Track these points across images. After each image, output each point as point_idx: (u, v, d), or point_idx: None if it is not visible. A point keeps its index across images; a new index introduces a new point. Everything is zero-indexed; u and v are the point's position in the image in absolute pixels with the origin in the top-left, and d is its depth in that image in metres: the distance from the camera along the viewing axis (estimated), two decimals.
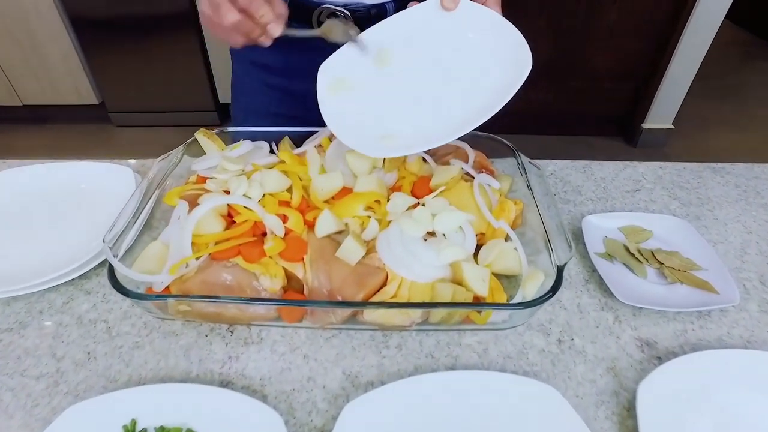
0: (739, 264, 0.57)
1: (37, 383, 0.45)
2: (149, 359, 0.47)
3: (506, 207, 0.55)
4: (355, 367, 0.46)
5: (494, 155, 0.64)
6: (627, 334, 0.49)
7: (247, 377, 0.45)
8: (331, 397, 0.43)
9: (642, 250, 0.56)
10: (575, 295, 0.53)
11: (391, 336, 0.48)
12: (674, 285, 0.53)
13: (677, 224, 0.60)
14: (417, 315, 0.45)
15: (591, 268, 0.56)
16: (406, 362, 0.46)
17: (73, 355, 0.47)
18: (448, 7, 0.54)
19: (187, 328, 0.49)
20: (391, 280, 0.47)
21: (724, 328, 0.50)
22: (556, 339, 0.48)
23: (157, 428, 0.40)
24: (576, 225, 0.61)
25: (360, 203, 0.52)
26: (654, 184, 0.69)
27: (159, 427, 0.40)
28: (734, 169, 0.72)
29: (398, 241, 0.48)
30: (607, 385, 0.45)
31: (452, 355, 0.47)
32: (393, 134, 0.51)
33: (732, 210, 0.65)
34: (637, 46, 2.23)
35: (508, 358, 0.47)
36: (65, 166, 0.67)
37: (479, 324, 0.47)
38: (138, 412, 0.41)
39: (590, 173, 0.71)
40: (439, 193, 0.53)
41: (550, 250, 0.48)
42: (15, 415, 0.42)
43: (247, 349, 0.47)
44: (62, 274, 0.52)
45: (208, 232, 0.50)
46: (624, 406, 0.43)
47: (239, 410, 0.41)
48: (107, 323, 0.50)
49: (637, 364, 0.46)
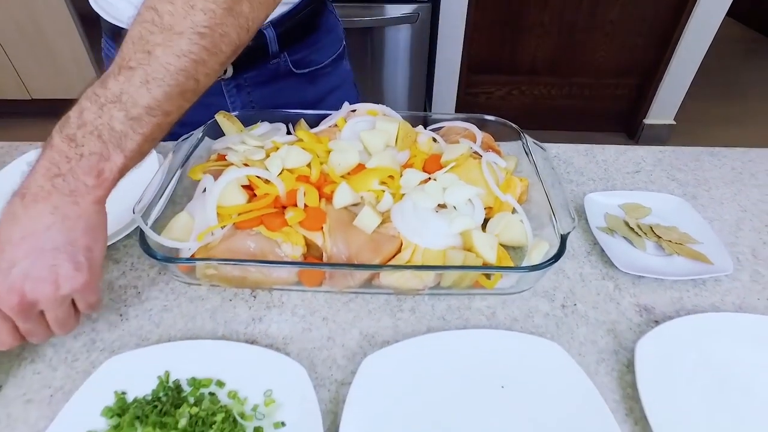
0: (733, 239, 0.60)
1: (76, 341, 0.48)
2: (177, 321, 0.50)
3: (512, 183, 0.58)
4: (372, 328, 0.49)
5: (500, 138, 0.67)
6: (626, 301, 0.52)
7: (271, 336, 0.48)
8: (350, 354, 0.47)
9: (641, 225, 0.59)
10: (578, 266, 0.56)
11: (405, 300, 0.51)
12: (671, 257, 0.56)
13: (675, 202, 0.63)
14: (430, 279, 0.48)
15: (593, 242, 0.59)
16: (419, 324, 0.49)
17: (107, 317, 0.50)
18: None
19: (212, 293, 0.53)
20: (406, 247, 0.50)
21: (718, 295, 0.53)
22: (560, 304, 0.52)
23: (189, 379, 0.44)
24: (578, 202, 0.64)
25: (375, 178, 0.55)
26: (653, 166, 0.72)
27: (190, 378, 0.44)
28: (730, 153, 0.75)
29: (411, 212, 0.51)
30: (608, 345, 0.48)
31: (462, 318, 0.50)
32: None
33: (728, 190, 0.68)
34: (639, 42, 2.26)
35: (515, 320, 0.50)
36: None
37: (488, 288, 0.50)
38: (170, 366, 0.44)
39: (592, 156, 0.74)
40: (449, 170, 0.56)
41: (554, 220, 0.51)
42: (58, 367, 0.45)
43: (270, 312, 0.51)
44: None
45: (231, 204, 0.53)
46: (623, 363, 0.46)
47: (265, 363, 0.44)
48: (137, 289, 0.53)
49: (636, 326, 0.50)
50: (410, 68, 2.08)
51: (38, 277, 0.38)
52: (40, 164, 0.39)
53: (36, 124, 2.60)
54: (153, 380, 0.43)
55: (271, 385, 0.43)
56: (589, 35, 2.23)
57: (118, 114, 0.39)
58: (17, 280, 0.37)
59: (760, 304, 0.52)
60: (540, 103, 2.44)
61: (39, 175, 0.38)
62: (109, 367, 0.44)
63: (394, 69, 2.07)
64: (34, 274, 0.38)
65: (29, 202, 0.38)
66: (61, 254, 0.38)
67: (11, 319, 0.39)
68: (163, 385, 0.43)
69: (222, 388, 0.43)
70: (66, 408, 0.41)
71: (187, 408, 0.41)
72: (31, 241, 0.38)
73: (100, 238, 0.42)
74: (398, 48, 1.99)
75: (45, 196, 0.38)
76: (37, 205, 0.38)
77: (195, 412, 0.41)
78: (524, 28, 2.19)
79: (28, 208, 0.38)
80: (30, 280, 0.38)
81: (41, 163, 0.39)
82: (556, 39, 2.24)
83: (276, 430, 0.40)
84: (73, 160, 0.38)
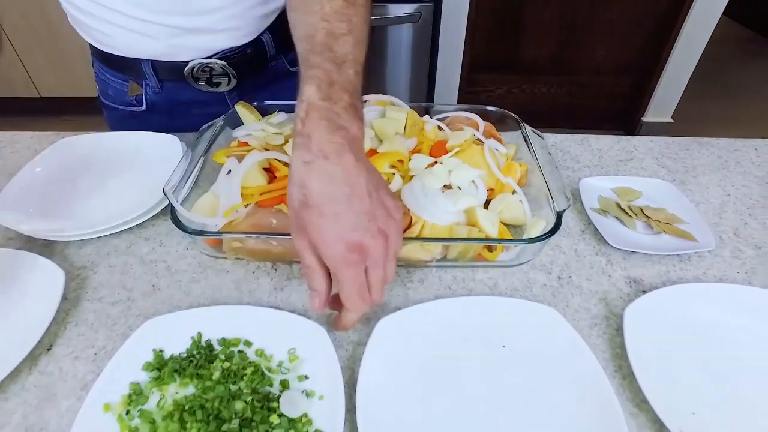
0: (717, 220, 0.65)
1: (113, 308, 0.52)
2: (205, 290, 0.54)
3: (512, 167, 0.63)
4: (385, 296, 0.53)
5: (501, 128, 0.72)
6: (618, 274, 0.57)
7: (292, 304, 0.53)
8: (365, 318, 0.51)
9: (632, 207, 0.64)
10: (573, 243, 0.61)
11: (414, 272, 0.56)
12: (659, 235, 0.61)
13: (664, 186, 0.68)
14: (437, 251, 0.53)
15: (587, 222, 0.63)
16: (428, 293, 0.54)
17: (140, 287, 0.55)
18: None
19: (236, 266, 0.57)
20: (415, 223, 0.54)
21: (701, 269, 0.57)
22: (556, 276, 0.56)
23: (219, 340, 0.48)
24: (574, 186, 0.68)
25: (386, 161, 0.59)
26: (645, 154, 0.77)
27: (220, 338, 0.48)
28: (718, 143, 0.80)
29: (420, 192, 0.56)
30: (600, 312, 0.52)
31: (467, 288, 0.54)
32: None
33: (714, 177, 0.73)
34: (638, 41, 2.31)
35: (516, 290, 0.54)
36: (120, 136, 0.74)
37: (490, 260, 0.55)
38: (202, 328, 0.49)
39: (588, 145, 0.78)
40: (454, 154, 0.61)
41: (551, 201, 0.56)
42: (99, 330, 0.50)
43: (290, 283, 0.55)
44: (125, 221, 0.60)
45: (253, 185, 0.58)
46: (613, 327, 0.51)
47: (287, 325, 0.49)
48: (166, 262, 0.58)
49: (626, 296, 0.54)
50: (412, 67, 2.13)
51: (373, 226, 0.37)
52: (319, 124, 0.38)
53: (44, 121, 2.66)
54: (187, 340, 0.48)
55: (294, 344, 0.47)
56: (589, 34, 2.28)
57: (350, 71, 0.42)
58: (357, 233, 0.37)
59: (740, 277, 0.56)
60: (540, 101, 2.48)
61: (325, 133, 0.38)
62: (147, 328, 0.48)
63: (397, 68, 2.12)
64: (372, 226, 0.37)
65: (335, 158, 0.37)
66: (381, 200, 0.39)
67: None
68: (196, 344, 0.48)
69: (249, 347, 0.48)
70: (110, 363, 0.45)
71: (220, 363, 0.45)
72: (359, 191, 0.37)
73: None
74: (400, 47, 2.04)
75: (343, 149, 0.38)
76: (344, 158, 0.37)
77: (227, 366, 0.45)
78: (524, 27, 2.24)
79: (339, 164, 0.37)
80: (369, 232, 0.37)
81: (319, 123, 0.38)
82: (555, 38, 2.28)
83: (300, 382, 0.45)
84: (341, 115, 0.39)
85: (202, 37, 0.68)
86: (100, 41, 0.70)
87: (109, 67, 0.74)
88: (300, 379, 0.45)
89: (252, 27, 0.71)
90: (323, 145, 0.38)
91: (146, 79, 0.72)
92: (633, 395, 0.45)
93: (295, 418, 0.41)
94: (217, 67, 0.70)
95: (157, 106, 0.75)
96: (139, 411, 0.42)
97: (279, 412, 0.42)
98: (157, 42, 0.67)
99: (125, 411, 0.42)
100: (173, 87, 0.73)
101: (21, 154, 0.75)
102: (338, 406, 0.42)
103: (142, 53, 0.69)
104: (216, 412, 0.41)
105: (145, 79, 0.72)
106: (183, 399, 0.43)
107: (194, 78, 0.71)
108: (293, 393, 0.44)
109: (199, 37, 0.68)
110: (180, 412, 0.42)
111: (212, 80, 0.72)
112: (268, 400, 0.43)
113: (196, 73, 0.70)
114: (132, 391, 0.43)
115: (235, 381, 0.44)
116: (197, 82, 0.71)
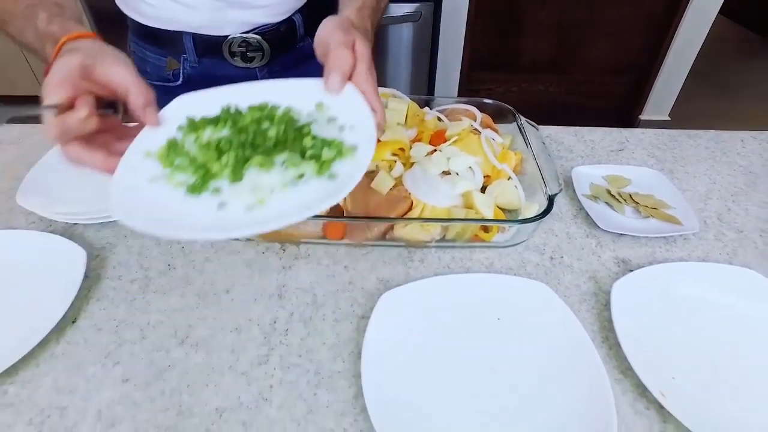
0: (702, 206, 0.68)
1: (132, 285, 0.56)
2: (218, 269, 0.58)
3: (508, 155, 0.66)
4: (387, 275, 0.57)
5: (497, 120, 0.75)
6: (607, 254, 0.60)
7: (299, 281, 0.56)
8: (368, 295, 0.54)
9: (621, 193, 0.67)
10: (565, 226, 0.64)
11: (415, 252, 0.59)
12: (647, 219, 0.64)
13: (652, 174, 0.71)
14: (436, 232, 0.56)
15: (579, 208, 0.67)
16: (428, 271, 0.57)
17: (157, 266, 0.58)
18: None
19: (246, 247, 0.60)
20: (416, 206, 0.58)
21: (686, 251, 0.61)
22: (548, 257, 0.60)
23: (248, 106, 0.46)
24: (567, 175, 0.72)
25: (388, 149, 0.63)
26: (635, 145, 0.80)
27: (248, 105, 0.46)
28: (705, 135, 0.83)
29: (421, 177, 0.59)
30: (589, 289, 0.56)
31: (465, 267, 0.58)
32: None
33: (701, 166, 0.76)
34: (635, 40, 2.34)
35: (510, 269, 0.58)
36: None
37: (486, 241, 0.58)
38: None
39: (581, 136, 0.82)
40: (452, 143, 0.64)
41: (544, 186, 0.59)
42: (119, 305, 0.53)
43: (297, 262, 0.58)
44: None
45: None
46: (602, 303, 0.54)
47: (312, 87, 0.47)
48: (181, 244, 0.61)
49: (614, 274, 0.57)
50: (412, 66, 2.16)
51: None
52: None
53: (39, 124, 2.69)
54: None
55: (322, 99, 0.46)
56: (588, 33, 2.31)
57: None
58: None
59: (722, 258, 0.60)
60: (539, 99, 2.52)
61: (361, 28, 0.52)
62: (178, 103, 0.47)
63: (397, 66, 2.15)
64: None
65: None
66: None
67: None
68: (227, 108, 0.46)
69: (276, 110, 0.46)
70: (143, 131, 0.44)
71: (251, 113, 0.45)
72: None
73: None
74: (401, 46, 2.07)
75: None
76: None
77: (257, 115, 0.45)
78: (524, 26, 2.28)
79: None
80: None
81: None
82: (554, 37, 2.32)
83: (329, 124, 0.44)
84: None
85: (242, 12, 0.72)
86: (144, 13, 0.73)
87: (149, 43, 0.78)
88: (330, 121, 0.45)
89: (287, 5, 0.75)
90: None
91: (185, 54, 0.76)
92: (618, 363, 0.48)
93: (329, 138, 0.42)
94: (253, 42, 0.74)
95: (192, 81, 0.79)
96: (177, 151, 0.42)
97: (312, 134, 0.42)
98: (199, 14, 0.71)
99: (166, 154, 0.42)
100: (210, 62, 0.76)
101: (39, 144, 0.79)
102: (369, 132, 0.42)
103: (185, 25, 0.73)
104: (251, 138, 0.42)
105: (184, 54, 0.76)
106: (218, 137, 0.43)
107: (231, 53, 0.74)
108: (323, 124, 0.44)
109: (240, 11, 0.72)
110: (216, 143, 0.42)
111: (247, 55, 0.76)
112: (300, 128, 0.43)
113: (233, 48, 0.74)
114: (170, 142, 0.43)
115: (268, 121, 0.44)
116: (233, 57, 0.75)
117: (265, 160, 0.41)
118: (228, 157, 0.41)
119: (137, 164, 0.42)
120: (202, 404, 0.44)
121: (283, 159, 0.41)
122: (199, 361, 0.48)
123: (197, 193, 0.40)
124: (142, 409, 0.44)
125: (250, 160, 0.41)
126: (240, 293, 0.55)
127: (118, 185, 0.40)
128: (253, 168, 0.41)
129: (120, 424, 0.43)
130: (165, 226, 0.37)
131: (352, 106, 0.45)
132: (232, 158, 0.41)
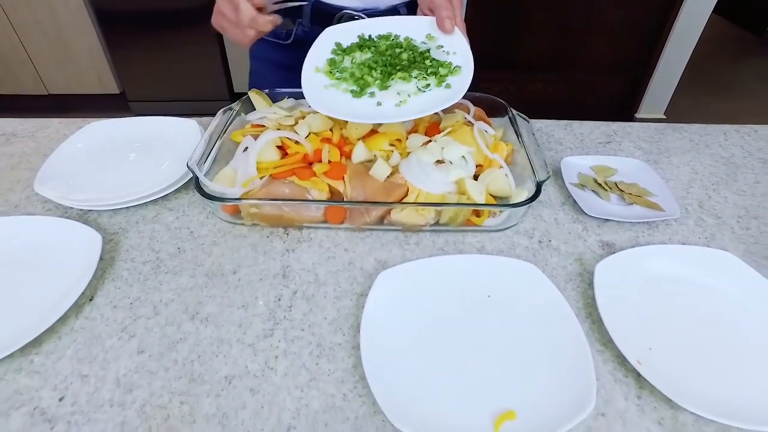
0: (684, 194, 0.72)
1: (144, 266, 0.59)
2: (225, 252, 0.61)
3: (499, 146, 0.70)
4: (384, 257, 0.60)
5: (490, 114, 0.79)
6: (592, 238, 0.64)
7: (302, 262, 0.60)
8: (367, 274, 0.58)
9: (607, 182, 0.71)
10: (553, 213, 0.68)
11: (410, 236, 0.63)
12: (631, 206, 0.68)
13: (637, 164, 0.75)
14: (431, 216, 0.60)
15: (567, 195, 0.70)
16: (423, 253, 0.61)
17: (167, 249, 0.62)
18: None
19: (251, 231, 0.64)
20: (411, 192, 0.61)
21: (667, 235, 0.64)
22: (537, 240, 0.63)
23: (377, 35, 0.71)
24: (556, 165, 0.75)
25: (386, 140, 0.66)
26: (622, 138, 0.84)
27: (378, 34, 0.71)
28: (690, 128, 0.87)
29: (416, 165, 0.63)
30: (575, 270, 0.59)
31: (458, 249, 0.61)
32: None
33: (684, 157, 0.80)
34: (631, 40, 2.38)
35: (501, 251, 0.61)
36: (142, 120, 0.81)
37: (478, 225, 0.61)
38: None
39: (570, 129, 0.86)
40: (446, 134, 0.68)
41: (533, 174, 0.62)
42: (133, 285, 0.57)
43: (300, 245, 0.62)
44: (152, 193, 0.67)
45: (268, 160, 0.65)
46: (586, 282, 0.58)
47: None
48: (189, 229, 0.65)
49: (598, 257, 0.61)
50: None
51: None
52: None
53: (51, 118, 2.73)
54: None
55: (431, 31, 0.69)
56: (584, 33, 2.35)
57: None
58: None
59: (700, 241, 0.63)
60: (535, 97, 2.56)
61: None
62: (327, 35, 0.71)
63: None
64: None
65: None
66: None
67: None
68: (362, 36, 0.70)
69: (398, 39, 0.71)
70: (311, 52, 0.69)
71: (383, 42, 0.69)
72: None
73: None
74: None
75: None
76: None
77: (389, 42, 0.69)
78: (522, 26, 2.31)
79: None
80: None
81: None
82: (551, 37, 2.36)
83: (438, 50, 0.67)
84: None
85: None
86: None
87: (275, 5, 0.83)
88: (438, 48, 0.67)
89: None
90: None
91: (301, 18, 0.82)
92: (600, 336, 0.52)
93: (442, 60, 0.64)
94: (358, 18, 0.79)
95: (300, 43, 0.82)
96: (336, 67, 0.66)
97: (431, 57, 0.65)
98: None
99: (329, 69, 0.66)
100: (319, 29, 0.79)
101: (52, 137, 0.82)
102: (468, 56, 0.65)
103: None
104: (391, 59, 0.65)
105: (300, 18, 0.82)
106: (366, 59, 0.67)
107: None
108: (434, 50, 0.67)
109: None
110: (367, 63, 0.65)
111: None
112: (422, 53, 0.66)
113: (342, 21, 0.80)
114: (329, 61, 0.67)
115: (398, 48, 0.67)
116: None
117: (405, 75, 0.63)
118: (377, 73, 0.64)
119: (311, 76, 0.65)
120: (212, 372, 0.48)
121: (416, 74, 0.64)
122: (208, 334, 0.51)
123: (358, 97, 0.62)
124: (157, 377, 0.47)
125: (393, 74, 0.63)
126: (246, 274, 0.58)
127: (306, 90, 0.62)
128: (396, 80, 0.63)
129: (137, 389, 0.46)
130: (346, 113, 0.59)
131: (453, 38, 0.67)
132: (379, 73, 0.64)
